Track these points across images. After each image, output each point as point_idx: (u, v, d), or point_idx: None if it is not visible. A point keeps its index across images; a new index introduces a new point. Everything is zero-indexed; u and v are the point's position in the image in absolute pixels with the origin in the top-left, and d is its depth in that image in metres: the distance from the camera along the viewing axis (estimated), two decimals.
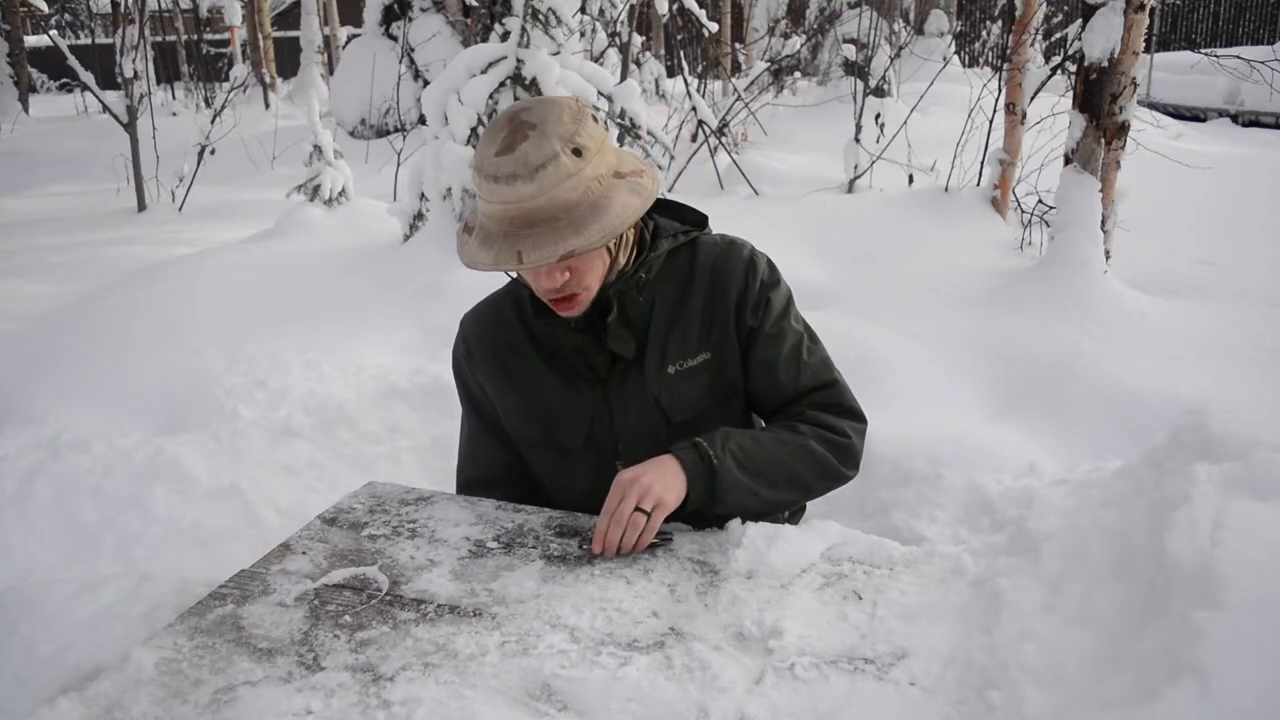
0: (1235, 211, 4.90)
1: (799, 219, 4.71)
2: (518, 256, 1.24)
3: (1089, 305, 3.46)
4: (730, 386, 1.48)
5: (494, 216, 1.26)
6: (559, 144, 1.23)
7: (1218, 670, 0.75)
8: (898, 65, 6.71)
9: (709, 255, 1.48)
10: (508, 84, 4.11)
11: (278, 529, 2.57)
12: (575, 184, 1.23)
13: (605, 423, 1.46)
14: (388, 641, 1.05)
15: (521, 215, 1.23)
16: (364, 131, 10.13)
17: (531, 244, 1.23)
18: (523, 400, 1.49)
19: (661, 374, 1.44)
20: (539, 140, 1.22)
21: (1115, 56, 3.58)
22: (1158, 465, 1.03)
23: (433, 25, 9.48)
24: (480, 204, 1.30)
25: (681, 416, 1.45)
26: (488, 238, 1.29)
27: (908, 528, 2.63)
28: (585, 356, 1.45)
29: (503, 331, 1.51)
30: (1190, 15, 15.93)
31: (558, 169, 1.22)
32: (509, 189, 1.23)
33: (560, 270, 1.30)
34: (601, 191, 1.26)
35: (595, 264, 1.34)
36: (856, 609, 1.09)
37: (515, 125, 1.25)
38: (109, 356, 3.56)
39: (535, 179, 1.21)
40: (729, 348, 1.47)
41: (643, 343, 1.44)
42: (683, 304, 1.46)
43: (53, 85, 19.56)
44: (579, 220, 1.24)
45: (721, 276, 1.46)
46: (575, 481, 1.49)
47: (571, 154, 1.23)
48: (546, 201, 1.22)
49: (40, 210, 7.43)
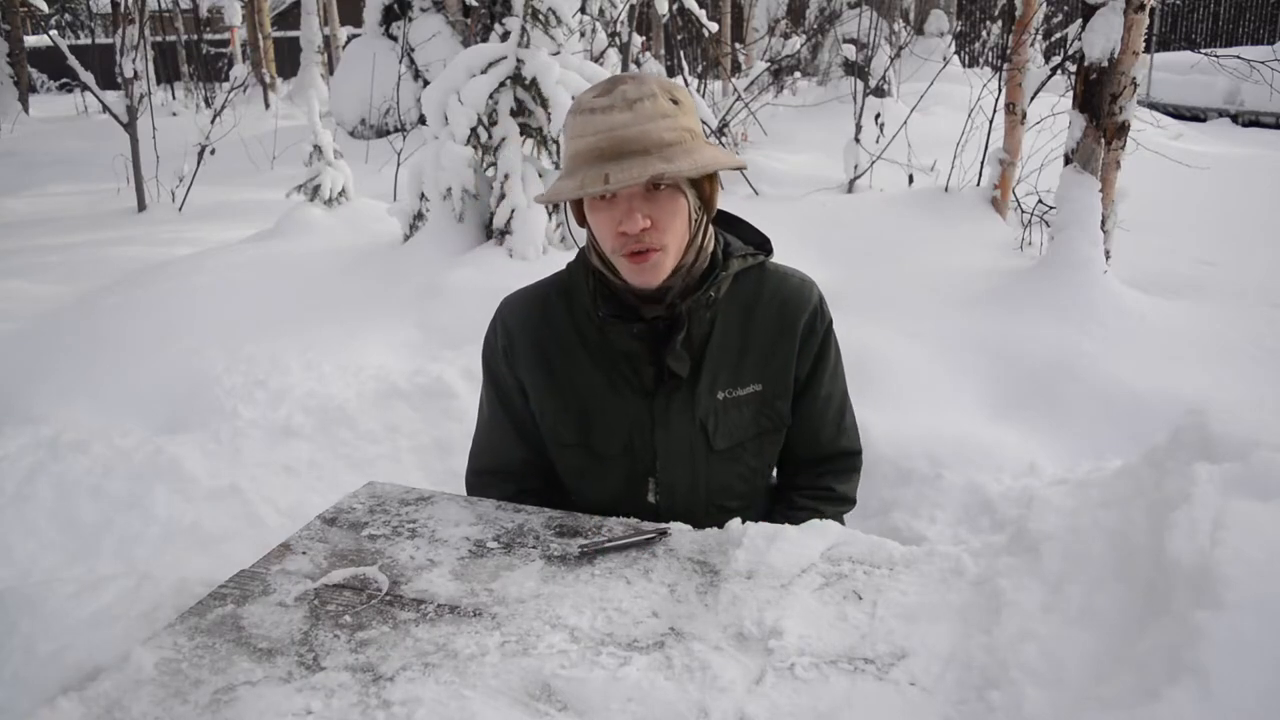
0: (1235, 211, 4.90)
1: (799, 219, 4.70)
2: (604, 178, 1.22)
3: (1089, 305, 3.46)
4: (776, 421, 1.47)
5: (584, 150, 1.26)
6: (658, 88, 1.27)
7: (1218, 670, 0.75)
8: (898, 65, 6.71)
9: (777, 286, 1.46)
10: (508, 84, 4.11)
11: (278, 529, 2.58)
12: (669, 125, 1.25)
13: (646, 435, 1.43)
14: (388, 641, 1.05)
15: (612, 145, 1.24)
16: (364, 131, 10.13)
17: (619, 169, 1.22)
18: (562, 399, 1.45)
19: (711, 398, 1.42)
20: (638, 83, 1.27)
21: (1115, 56, 3.59)
22: (1158, 465, 1.03)
23: (433, 25, 9.49)
24: (570, 146, 1.29)
25: (723, 444, 1.44)
26: (573, 171, 1.27)
27: (908, 528, 2.63)
28: (634, 364, 1.41)
29: (548, 325, 1.46)
30: (1190, 15, 15.94)
31: (655, 105, 1.25)
32: (604, 117, 1.24)
33: (643, 213, 1.27)
34: (694, 143, 1.28)
35: (676, 222, 1.30)
36: (856, 609, 1.09)
37: (616, 77, 1.30)
38: (109, 356, 3.56)
39: (632, 109, 1.24)
40: (782, 384, 1.46)
41: (698, 363, 1.41)
42: (744, 331, 1.43)
43: (53, 85, 19.57)
44: (670, 156, 1.24)
45: (790, 310, 1.45)
46: (604, 487, 1.47)
47: (669, 100, 1.27)
48: (639, 132, 1.23)
49: (40, 210, 7.44)
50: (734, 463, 1.46)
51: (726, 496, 1.48)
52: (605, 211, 1.29)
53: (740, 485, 1.49)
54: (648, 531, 1.25)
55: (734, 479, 1.48)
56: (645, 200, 1.27)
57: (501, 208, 4.10)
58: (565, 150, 1.32)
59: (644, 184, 1.25)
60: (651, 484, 1.45)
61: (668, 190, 1.28)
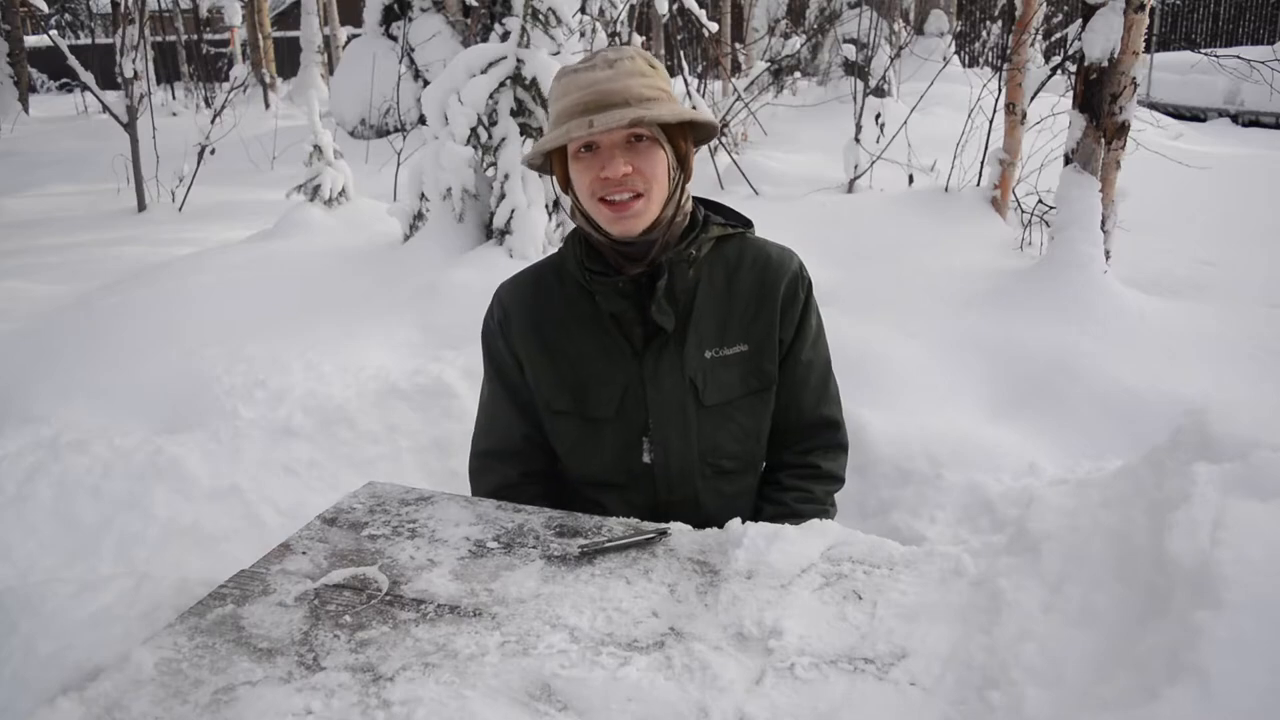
0: (1235, 211, 4.90)
1: (799, 219, 4.70)
2: (588, 124, 1.31)
3: (1089, 305, 3.46)
4: (764, 380, 1.52)
5: (568, 106, 1.36)
6: (634, 53, 1.39)
7: (1218, 670, 0.75)
8: (898, 65, 6.71)
9: (759, 251, 1.53)
10: (508, 84, 4.11)
11: (278, 529, 2.58)
12: (647, 83, 1.36)
13: (638, 395, 1.48)
14: (388, 641, 1.05)
15: (596, 97, 1.34)
16: (364, 131, 10.13)
17: (602, 118, 1.32)
18: (556, 368, 1.51)
19: (699, 356, 1.47)
20: (617, 50, 1.40)
21: (1115, 56, 3.58)
22: (1158, 465, 1.03)
23: (433, 25, 9.48)
24: (555, 105, 1.39)
25: (713, 400, 1.49)
26: (556, 126, 1.36)
27: (908, 528, 2.63)
28: (623, 326, 1.47)
29: (541, 300, 1.54)
30: (1190, 15, 15.94)
31: (633, 65, 1.37)
32: (586, 74, 1.36)
33: (625, 157, 1.36)
34: (670, 100, 1.39)
35: (657, 170, 1.39)
36: (856, 609, 1.09)
37: (597, 52, 1.41)
38: (109, 356, 3.56)
39: (612, 67, 1.36)
40: (768, 344, 1.51)
41: (684, 321, 1.47)
42: (728, 291, 1.49)
43: (53, 85, 19.58)
44: (649, 105, 1.34)
45: (772, 273, 1.51)
46: (600, 453, 1.51)
47: (646, 64, 1.38)
48: (620, 86, 1.34)
49: (40, 210, 7.43)
50: (726, 420, 1.51)
51: (720, 456, 1.52)
52: (587, 160, 1.38)
53: (733, 445, 1.53)
54: (648, 531, 1.26)
55: (726, 439, 1.52)
56: (626, 149, 1.37)
57: (501, 208, 4.10)
58: (550, 112, 1.41)
59: (625, 133, 1.35)
60: (645, 444, 1.50)
61: (647, 142, 1.38)
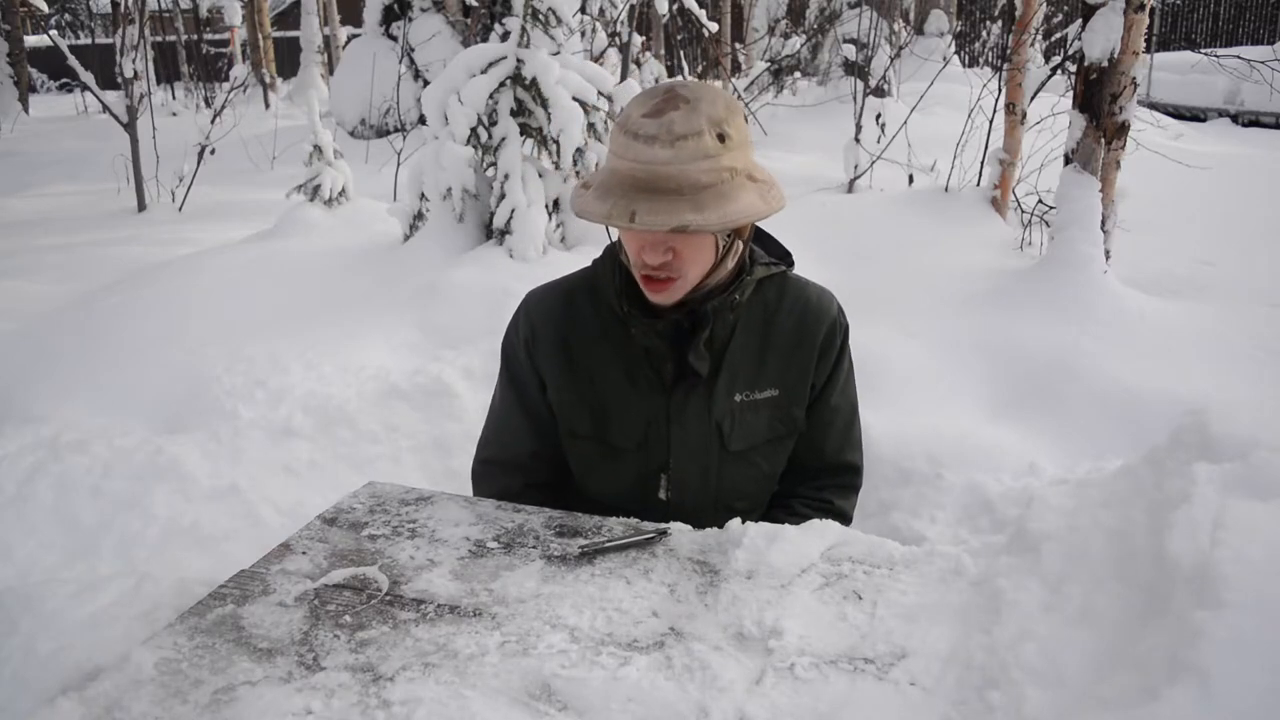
0: (1235, 211, 4.90)
1: (799, 219, 4.68)
2: (631, 216, 1.22)
3: (1089, 305, 3.46)
4: (790, 427, 1.49)
5: (620, 174, 1.26)
6: (706, 124, 1.23)
7: (1218, 670, 0.75)
8: (898, 65, 6.71)
9: (799, 293, 1.49)
10: (508, 84, 4.11)
11: (278, 529, 2.57)
12: (709, 166, 1.23)
13: (661, 432, 1.44)
14: (388, 641, 1.05)
15: (648, 179, 1.23)
16: (364, 131, 10.12)
17: (648, 208, 1.22)
18: (580, 391, 1.47)
19: (728, 399, 1.43)
20: (689, 114, 1.23)
21: (1115, 56, 3.58)
22: (1158, 465, 1.03)
23: (433, 25, 9.48)
24: (610, 159, 1.29)
25: (738, 446, 1.46)
26: (606, 192, 1.27)
27: (908, 528, 2.63)
28: (653, 361, 1.43)
29: (572, 320, 1.48)
30: (1190, 15, 15.94)
31: (698, 145, 1.22)
32: (645, 148, 1.22)
33: (666, 247, 1.28)
34: (732, 185, 1.25)
35: (701, 255, 1.31)
36: (856, 609, 1.09)
37: (670, 95, 1.26)
38: (109, 356, 3.56)
39: (674, 147, 1.21)
40: (799, 390, 1.47)
41: (718, 364, 1.42)
42: (764, 335, 1.45)
43: (53, 85, 19.57)
44: (701, 202, 1.22)
45: (811, 318, 1.47)
46: (615, 482, 1.49)
47: (715, 137, 1.23)
48: (677, 172, 1.22)
49: (40, 210, 7.42)
50: (747, 466, 1.48)
51: (735, 498, 1.49)
52: (631, 233, 1.31)
53: (750, 487, 1.51)
54: (647, 531, 1.26)
55: (745, 481, 1.49)
56: (670, 234, 1.26)
57: (501, 208, 4.10)
58: (605, 160, 1.34)
59: None
60: (664, 480, 1.47)
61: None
